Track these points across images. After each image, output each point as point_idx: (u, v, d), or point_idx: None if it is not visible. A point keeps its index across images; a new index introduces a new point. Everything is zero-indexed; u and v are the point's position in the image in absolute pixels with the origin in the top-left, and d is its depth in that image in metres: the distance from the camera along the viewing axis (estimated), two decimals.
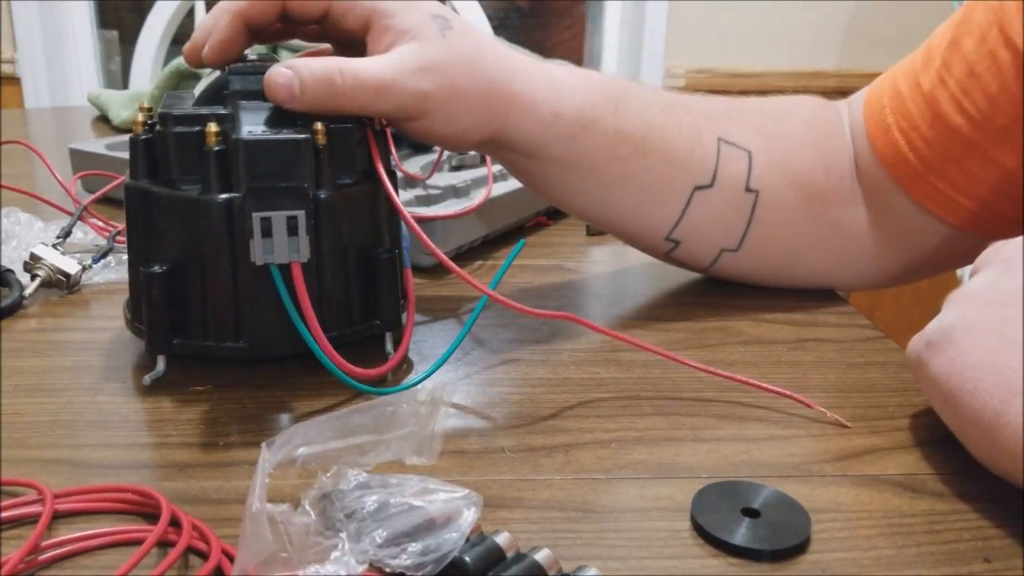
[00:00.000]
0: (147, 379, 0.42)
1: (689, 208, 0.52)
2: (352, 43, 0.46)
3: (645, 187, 0.51)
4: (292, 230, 0.38)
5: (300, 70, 0.40)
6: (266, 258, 0.38)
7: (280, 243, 0.38)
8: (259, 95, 0.41)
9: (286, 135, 0.38)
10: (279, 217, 0.37)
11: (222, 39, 0.43)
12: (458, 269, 0.42)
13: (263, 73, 0.41)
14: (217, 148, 0.39)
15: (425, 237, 0.43)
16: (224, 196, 0.40)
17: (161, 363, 0.42)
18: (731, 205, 0.53)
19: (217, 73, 0.44)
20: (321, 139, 0.41)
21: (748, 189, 0.53)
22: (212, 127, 0.39)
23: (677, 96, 0.54)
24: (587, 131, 0.49)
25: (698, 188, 0.52)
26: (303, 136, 0.38)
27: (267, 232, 0.37)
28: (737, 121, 0.54)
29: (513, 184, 0.68)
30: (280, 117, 0.40)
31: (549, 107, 0.48)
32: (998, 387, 0.31)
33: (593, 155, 0.50)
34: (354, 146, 0.43)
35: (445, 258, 0.43)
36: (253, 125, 0.39)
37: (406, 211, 0.45)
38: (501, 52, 0.48)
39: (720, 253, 0.55)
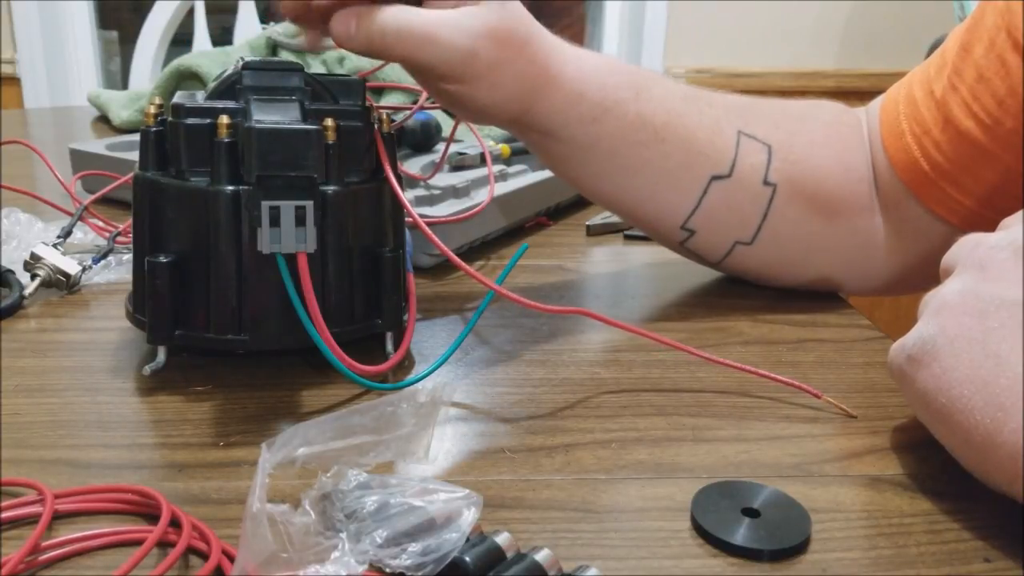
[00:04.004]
0: (147, 369, 0.42)
1: (706, 197, 0.52)
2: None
3: (663, 173, 0.52)
4: (300, 220, 0.38)
5: (358, 9, 0.42)
6: (273, 247, 0.38)
7: (287, 232, 0.38)
8: (271, 90, 0.42)
9: (297, 125, 0.39)
10: (288, 206, 0.38)
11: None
12: (467, 267, 0.43)
13: (275, 69, 0.42)
14: (228, 140, 0.40)
15: (435, 238, 0.44)
16: (232, 188, 0.40)
17: (161, 354, 0.42)
18: (748, 197, 0.53)
19: (227, 71, 0.44)
20: (331, 135, 0.41)
21: (766, 182, 0.53)
22: (224, 119, 0.40)
23: (700, 89, 0.54)
24: (609, 114, 0.49)
25: (715, 178, 0.52)
26: (314, 127, 0.38)
27: (275, 221, 0.38)
28: (759, 116, 0.54)
29: (513, 185, 0.68)
30: (291, 112, 0.41)
31: (575, 87, 0.48)
32: (988, 406, 0.31)
33: (613, 138, 0.50)
34: (362, 145, 0.44)
35: (456, 258, 0.43)
36: (264, 117, 0.39)
37: (415, 212, 0.45)
38: (545, 32, 0.49)
39: (734, 246, 0.55)
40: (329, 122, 0.41)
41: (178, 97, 0.43)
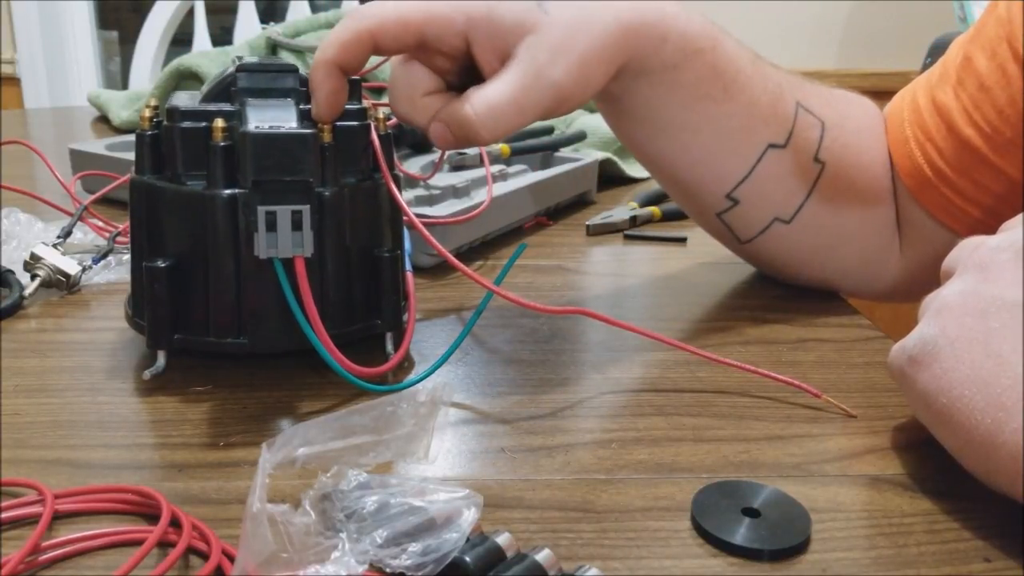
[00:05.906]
0: (147, 374, 0.42)
1: (759, 165, 0.51)
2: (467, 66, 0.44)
3: (724, 134, 0.51)
4: (296, 224, 0.38)
5: (442, 117, 0.42)
6: (270, 252, 0.38)
7: (284, 237, 0.38)
8: (266, 92, 0.41)
9: (293, 129, 0.39)
10: (284, 211, 0.38)
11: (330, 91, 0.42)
12: (465, 268, 0.42)
13: (270, 71, 0.42)
14: (223, 143, 0.40)
15: (432, 239, 0.44)
16: (229, 191, 0.40)
17: (161, 358, 0.42)
18: (798, 171, 0.52)
19: (227, 70, 0.44)
20: (327, 137, 0.41)
21: (816, 159, 0.52)
22: (219, 122, 0.40)
23: (762, 57, 0.53)
24: (688, 61, 0.48)
25: (772, 146, 0.51)
26: (309, 131, 0.38)
27: (271, 226, 0.38)
28: (811, 92, 0.54)
29: (513, 185, 0.68)
30: (287, 115, 0.41)
31: (658, 31, 0.47)
32: (989, 406, 0.31)
33: (688, 88, 0.48)
34: (359, 146, 0.43)
35: (453, 259, 0.43)
36: (260, 120, 0.39)
37: (411, 212, 0.45)
38: None
39: (772, 222, 0.54)
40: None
41: (173, 99, 0.42)
